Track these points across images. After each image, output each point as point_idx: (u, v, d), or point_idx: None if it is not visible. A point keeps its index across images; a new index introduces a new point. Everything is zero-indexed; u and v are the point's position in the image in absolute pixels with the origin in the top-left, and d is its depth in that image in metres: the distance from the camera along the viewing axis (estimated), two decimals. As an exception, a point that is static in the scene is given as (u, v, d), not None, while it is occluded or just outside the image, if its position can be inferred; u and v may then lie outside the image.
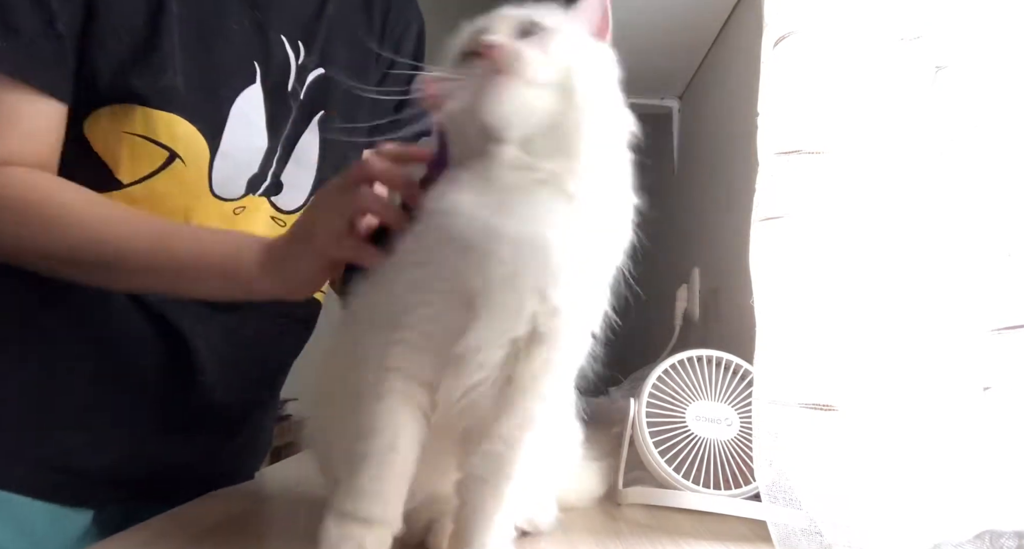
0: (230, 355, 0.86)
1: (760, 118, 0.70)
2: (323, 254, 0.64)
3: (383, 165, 0.63)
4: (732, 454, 0.80)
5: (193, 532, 0.67)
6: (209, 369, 0.84)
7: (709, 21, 1.47)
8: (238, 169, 0.82)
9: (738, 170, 1.28)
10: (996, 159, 0.59)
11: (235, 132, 0.80)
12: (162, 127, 0.75)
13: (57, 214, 0.71)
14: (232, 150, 0.80)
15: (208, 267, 0.69)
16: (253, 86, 0.82)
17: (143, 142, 0.75)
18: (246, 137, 0.81)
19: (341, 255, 0.64)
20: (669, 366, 0.85)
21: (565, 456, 0.69)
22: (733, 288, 1.31)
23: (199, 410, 0.86)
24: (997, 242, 0.59)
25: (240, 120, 0.81)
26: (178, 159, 0.76)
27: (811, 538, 0.60)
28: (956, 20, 0.61)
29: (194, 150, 0.77)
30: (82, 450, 0.80)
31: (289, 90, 0.86)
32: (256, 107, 0.83)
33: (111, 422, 0.81)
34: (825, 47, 0.65)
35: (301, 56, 0.87)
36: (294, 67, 0.86)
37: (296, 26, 0.87)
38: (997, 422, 0.56)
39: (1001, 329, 0.57)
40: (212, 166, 0.79)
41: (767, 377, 0.66)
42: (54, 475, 0.79)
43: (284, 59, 0.85)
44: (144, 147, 0.75)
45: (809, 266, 0.64)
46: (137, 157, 0.75)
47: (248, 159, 0.83)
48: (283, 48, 0.85)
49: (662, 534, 0.70)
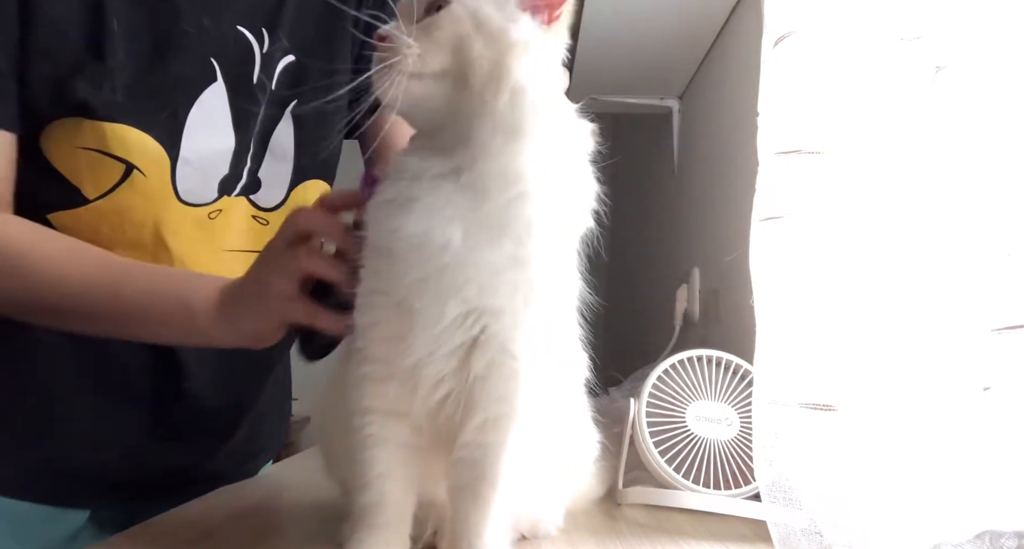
0: (218, 360, 0.84)
1: (760, 118, 0.70)
2: (276, 316, 0.64)
3: (319, 221, 0.62)
4: (732, 454, 0.80)
5: (193, 532, 0.67)
6: (196, 374, 0.83)
7: (709, 21, 1.47)
8: (205, 173, 0.79)
9: (738, 170, 1.28)
10: (996, 159, 0.59)
11: (196, 136, 0.78)
12: (113, 139, 0.72)
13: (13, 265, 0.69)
14: (194, 155, 0.78)
15: (162, 316, 0.68)
16: (214, 85, 0.79)
17: (98, 156, 0.73)
18: (208, 140, 0.79)
19: (294, 318, 0.63)
20: (669, 366, 0.85)
21: (576, 462, 0.69)
22: (733, 288, 1.31)
23: (190, 414, 0.86)
24: (997, 242, 0.58)
25: (200, 123, 0.78)
26: (136, 170, 0.74)
27: (811, 538, 0.60)
28: (956, 20, 0.61)
29: (152, 160, 0.75)
30: (76, 454, 0.80)
31: (255, 82, 0.82)
32: (219, 107, 0.80)
33: (104, 427, 0.81)
34: (825, 47, 0.65)
35: (266, 44, 0.83)
36: (259, 57, 0.82)
37: (257, 14, 0.83)
38: (997, 422, 0.56)
39: (1001, 329, 0.57)
40: (175, 174, 0.77)
41: (767, 377, 0.66)
42: (49, 478, 0.79)
43: (246, 51, 0.81)
44: (100, 161, 0.73)
45: (809, 266, 0.64)
46: (96, 171, 0.73)
47: (214, 162, 0.80)
48: (244, 40, 0.81)
49: (662, 534, 0.70)
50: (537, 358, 0.55)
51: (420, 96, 0.53)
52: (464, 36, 0.52)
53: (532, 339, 0.54)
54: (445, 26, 0.53)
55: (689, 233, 1.74)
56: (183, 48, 0.77)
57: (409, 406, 0.56)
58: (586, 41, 1.53)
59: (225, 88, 0.80)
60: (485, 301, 0.52)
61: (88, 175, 0.73)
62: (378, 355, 0.56)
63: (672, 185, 1.92)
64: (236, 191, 0.82)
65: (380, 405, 0.56)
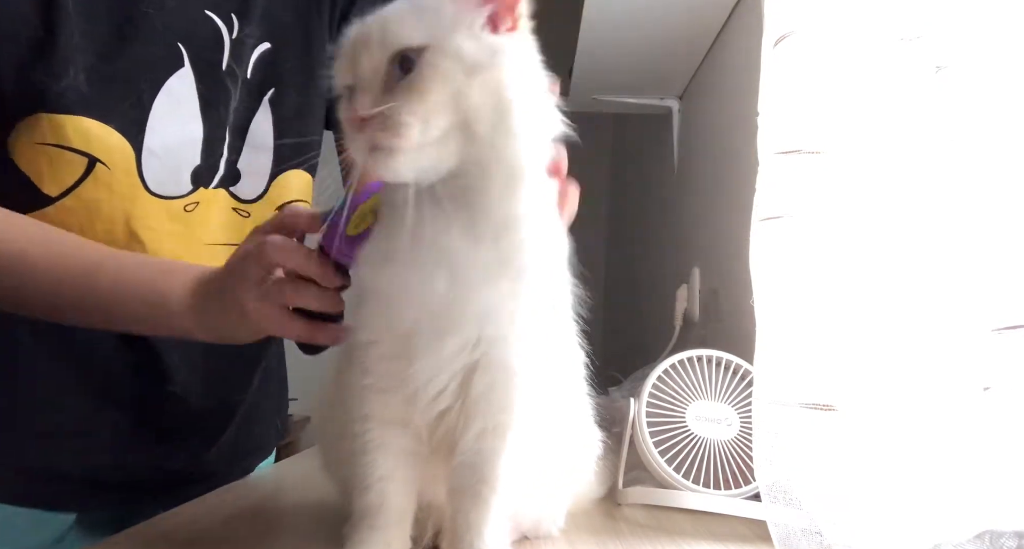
0: (203, 360, 0.83)
1: (760, 118, 0.70)
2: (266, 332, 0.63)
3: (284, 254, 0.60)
4: (732, 454, 0.80)
5: (193, 532, 0.67)
6: (181, 375, 0.82)
7: (709, 21, 1.47)
8: (174, 164, 0.76)
9: (738, 170, 1.28)
10: (996, 159, 0.59)
11: (161, 125, 0.74)
12: (72, 132, 0.70)
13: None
14: (161, 145, 0.74)
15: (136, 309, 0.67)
16: (181, 70, 0.76)
17: (58, 151, 0.70)
18: (177, 128, 0.76)
19: (292, 336, 0.62)
20: (669, 366, 0.85)
21: (577, 463, 0.69)
22: (733, 288, 1.31)
23: (177, 415, 0.84)
24: (997, 242, 0.58)
25: (166, 111, 0.75)
26: (99, 163, 0.71)
27: (811, 538, 0.60)
28: (956, 20, 0.61)
29: (116, 151, 0.72)
30: (61, 456, 0.78)
31: (224, 68, 0.79)
32: (186, 93, 0.76)
33: (89, 428, 0.80)
34: (825, 47, 0.65)
35: (235, 30, 0.80)
36: (228, 43, 0.79)
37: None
38: (997, 422, 0.56)
39: (1001, 329, 0.57)
40: (140, 165, 0.74)
41: (767, 377, 0.66)
42: (33, 482, 0.78)
43: (214, 36, 0.78)
44: (61, 156, 0.70)
45: (809, 266, 0.64)
46: (56, 168, 0.71)
47: (183, 152, 0.77)
48: (211, 24, 0.78)
49: (662, 534, 0.70)
50: (535, 369, 0.55)
51: (428, 166, 0.49)
52: (459, 89, 0.48)
53: (531, 355, 0.55)
54: (436, 85, 0.48)
55: (689, 233, 1.74)
56: (146, 31, 0.74)
57: (410, 416, 0.56)
58: (586, 41, 1.54)
59: (192, 74, 0.77)
60: (485, 332, 0.53)
61: (48, 172, 0.71)
62: (378, 371, 0.56)
63: (672, 185, 1.92)
64: (214, 183, 0.80)
65: (381, 413, 0.57)
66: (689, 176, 1.80)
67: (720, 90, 1.54)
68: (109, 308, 0.68)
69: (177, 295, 0.66)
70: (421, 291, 0.51)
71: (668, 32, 1.49)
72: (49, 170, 0.71)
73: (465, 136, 0.49)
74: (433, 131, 0.48)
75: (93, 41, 0.71)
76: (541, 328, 0.55)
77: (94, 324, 0.72)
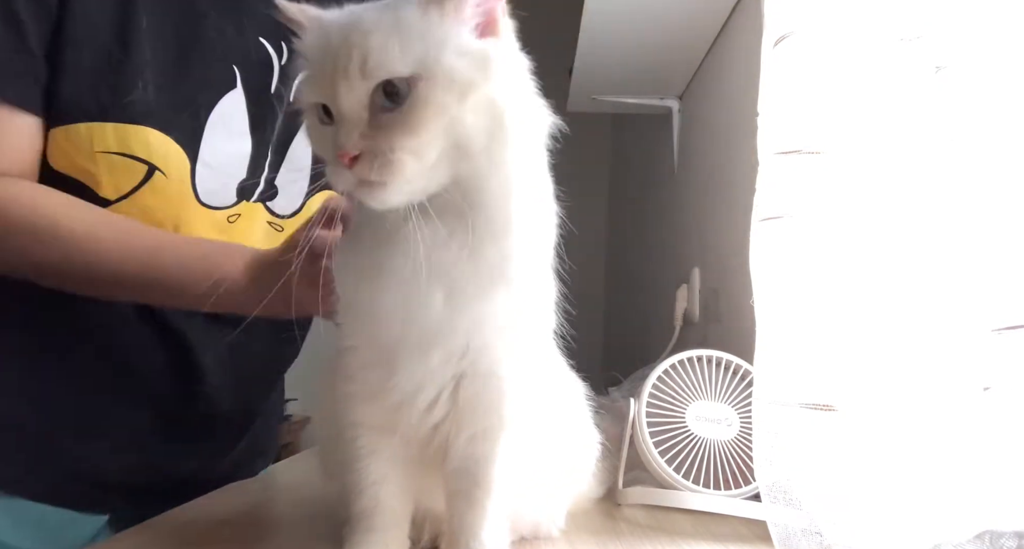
0: (233, 363, 0.87)
1: (760, 118, 0.70)
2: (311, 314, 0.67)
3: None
4: (732, 454, 0.80)
5: (193, 532, 0.67)
6: (212, 377, 0.85)
7: (709, 21, 1.47)
8: (224, 177, 0.81)
9: (738, 170, 1.28)
10: (996, 159, 0.59)
11: (215, 139, 0.80)
12: (136, 141, 0.74)
13: (44, 232, 0.70)
14: (213, 158, 0.79)
15: (196, 282, 0.71)
16: (234, 91, 0.82)
17: (120, 158, 0.74)
18: (227, 143, 0.81)
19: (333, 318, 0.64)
20: (669, 366, 0.85)
21: (576, 464, 0.69)
22: (733, 288, 1.31)
23: (205, 417, 0.87)
24: (997, 242, 0.58)
25: (220, 127, 0.80)
26: (158, 171, 0.76)
27: (811, 538, 0.60)
28: (956, 20, 0.61)
29: (173, 161, 0.77)
30: (95, 459, 0.81)
31: (272, 91, 0.85)
32: (238, 112, 0.82)
33: (122, 431, 0.82)
34: (825, 47, 0.65)
35: (284, 57, 0.86)
36: (277, 68, 0.85)
37: (278, 28, 0.82)
38: (997, 422, 0.56)
39: (1001, 329, 0.57)
40: (195, 175, 0.78)
41: (767, 377, 0.66)
42: (70, 484, 0.80)
43: (264, 61, 0.84)
44: (122, 163, 0.75)
45: (809, 266, 0.64)
46: (116, 174, 0.75)
47: (232, 166, 0.82)
48: (263, 50, 0.84)
49: (662, 534, 0.70)
50: (522, 373, 0.56)
51: (419, 189, 0.48)
52: (454, 117, 0.46)
53: (519, 360, 0.55)
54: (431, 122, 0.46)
55: (689, 233, 1.74)
56: (207, 52, 0.79)
57: (397, 424, 0.56)
58: (586, 41, 1.53)
59: (244, 95, 0.82)
60: (473, 342, 0.53)
61: (107, 177, 0.75)
62: (360, 378, 0.56)
63: (672, 185, 1.92)
64: (254, 197, 0.85)
65: (368, 421, 0.57)
66: (689, 176, 1.79)
67: (720, 90, 1.54)
68: (171, 284, 0.72)
69: (236, 273, 0.71)
70: (418, 307, 0.51)
71: (668, 32, 1.49)
72: (108, 175, 0.75)
73: (459, 155, 0.48)
74: (427, 161, 0.47)
75: (161, 59, 0.76)
76: (528, 332, 0.55)
77: (153, 300, 0.77)
